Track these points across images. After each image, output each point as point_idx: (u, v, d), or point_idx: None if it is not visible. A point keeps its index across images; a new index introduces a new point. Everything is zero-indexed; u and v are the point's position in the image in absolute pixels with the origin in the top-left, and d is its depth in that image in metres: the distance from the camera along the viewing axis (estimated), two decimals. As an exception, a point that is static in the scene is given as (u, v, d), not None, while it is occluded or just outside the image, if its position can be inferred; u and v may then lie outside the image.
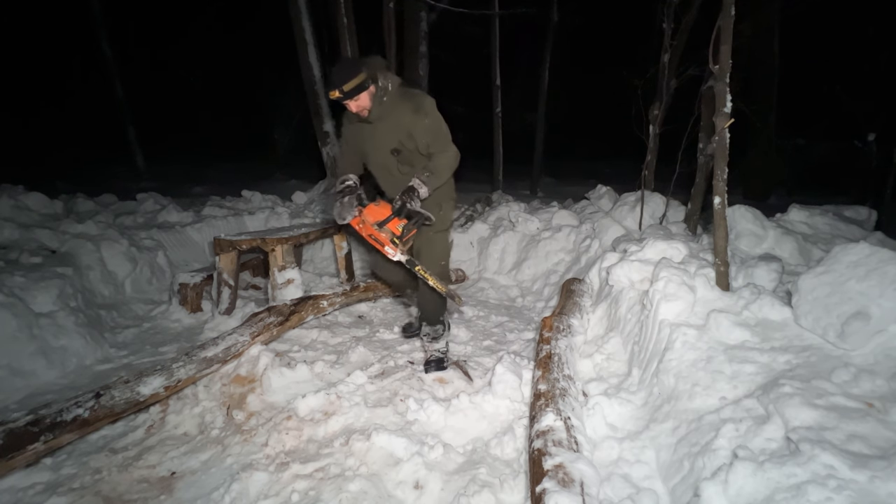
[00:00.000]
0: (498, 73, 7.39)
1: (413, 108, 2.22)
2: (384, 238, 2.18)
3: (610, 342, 2.46)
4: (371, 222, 2.21)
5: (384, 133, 2.27)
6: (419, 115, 2.22)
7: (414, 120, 2.22)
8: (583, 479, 1.41)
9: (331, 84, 2.11)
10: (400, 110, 2.22)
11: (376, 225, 2.19)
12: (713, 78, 2.13)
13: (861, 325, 1.65)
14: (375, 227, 2.19)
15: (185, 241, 4.62)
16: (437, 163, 2.27)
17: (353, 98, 2.13)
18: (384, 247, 2.20)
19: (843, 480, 1.18)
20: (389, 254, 2.19)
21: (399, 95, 2.24)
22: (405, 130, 2.24)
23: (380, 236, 2.19)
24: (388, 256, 2.21)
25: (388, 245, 2.18)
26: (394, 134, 2.26)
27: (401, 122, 2.23)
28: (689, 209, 3.69)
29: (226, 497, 1.72)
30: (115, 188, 6.05)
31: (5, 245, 3.49)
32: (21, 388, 2.43)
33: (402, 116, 2.23)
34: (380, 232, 2.18)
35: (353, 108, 2.19)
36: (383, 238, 2.18)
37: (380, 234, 2.18)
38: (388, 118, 2.23)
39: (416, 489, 1.77)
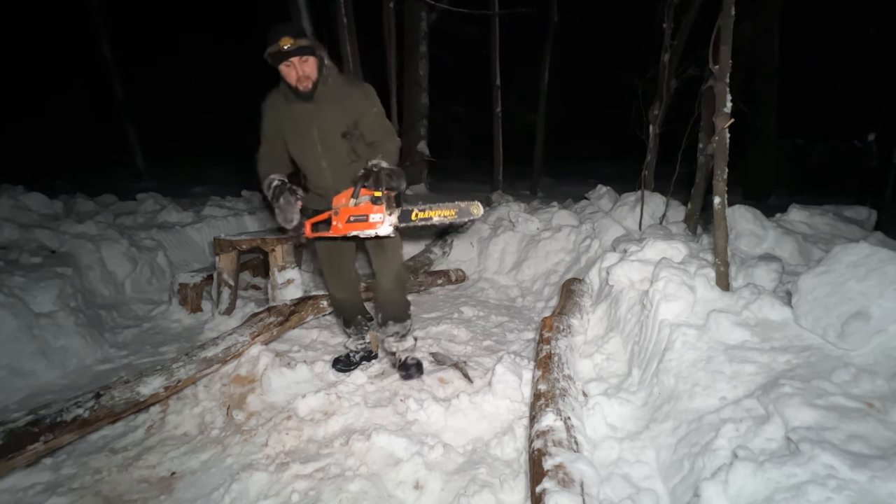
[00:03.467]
0: (498, 73, 7.39)
1: (364, 93, 2.12)
2: (367, 208, 1.95)
3: (610, 342, 2.46)
4: (342, 203, 1.97)
5: (330, 115, 2.08)
6: (370, 102, 2.12)
7: (364, 105, 2.11)
8: (583, 479, 1.41)
9: (280, 31, 1.88)
10: (350, 94, 2.10)
11: (351, 200, 1.96)
12: (713, 78, 2.13)
13: (861, 325, 1.65)
14: (350, 203, 1.96)
15: (185, 241, 4.62)
16: (387, 148, 2.11)
17: (302, 58, 1.93)
18: (371, 219, 1.95)
19: (843, 480, 1.18)
20: (380, 224, 1.96)
21: (344, 80, 2.13)
22: (354, 115, 2.10)
23: (361, 209, 1.95)
24: (379, 231, 1.97)
25: (374, 212, 1.95)
26: (342, 117, 2.10)
27: (351, 106, 2.09)
28: (689, 209, 3.69)
29: (226, 497, 1.72)
30: (115, 188, 6.06)
31: (5, 245, 3.50)
32: (21, 388, 2.43)
33: (352, 101, 2.09)
34: (358, 205, 1.95)
35: (293, 75, 1.96)
36: (365, 209, 1.95)
37: (360, 207, 1.95)
38: (335, 100, 2.07)
39: (416, 489, 1.77)
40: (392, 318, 2.50)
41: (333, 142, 2.13)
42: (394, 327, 2.51)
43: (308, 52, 1.93)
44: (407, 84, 7.62)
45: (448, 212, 1.98)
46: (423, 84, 7.68)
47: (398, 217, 1.98)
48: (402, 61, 7.15)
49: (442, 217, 1.98)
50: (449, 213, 1.98)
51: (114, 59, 9.22)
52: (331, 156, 2.16)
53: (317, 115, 2.07)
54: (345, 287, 2.51)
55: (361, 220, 1.94)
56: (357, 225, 1.95)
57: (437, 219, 1.98)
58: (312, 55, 1.95)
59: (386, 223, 1.95)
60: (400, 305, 2.49)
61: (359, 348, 2.67)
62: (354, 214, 1.95)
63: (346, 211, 1.96)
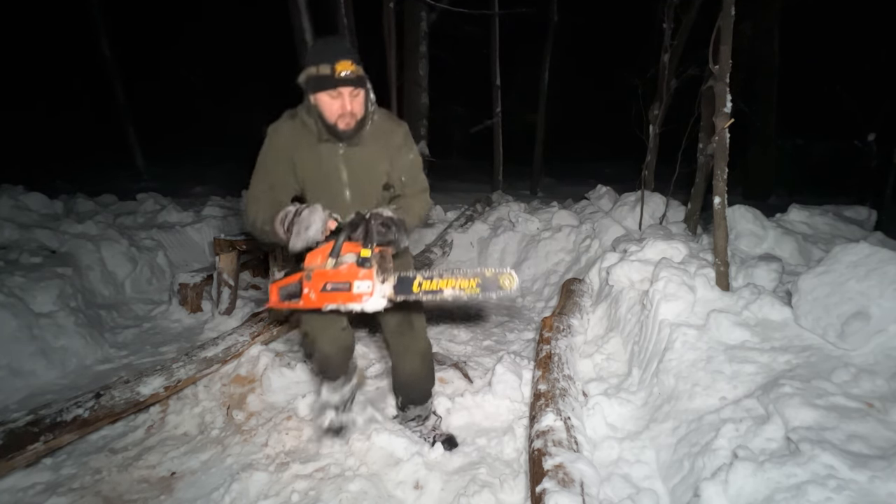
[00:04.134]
0: (498, 73, 7.39)
1: (403, 134, 1.73)
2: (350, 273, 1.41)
3: (610, 342, 2.46)
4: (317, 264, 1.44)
5: (368, 158, 1.67)
6: (407, 146, 1.73)
7: (401, 149, 1.71)
8: (583, 479, 1.41)
9: (337, 51, 1.49)
10: (392, 132, 1.70)
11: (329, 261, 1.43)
12: (713, 78, 2.14)
13: (861, 325, 1.65)
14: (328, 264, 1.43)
15: (185, 241, 4.62)
16: (412, 206, 1.70)
17: (354, 90, 1.52)
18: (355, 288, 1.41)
19: (843, 480, 1.18)
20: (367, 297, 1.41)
21: (387, 116, 1.73)
22: (389, 161, 1.70)
23: (342, 274, 1.41)
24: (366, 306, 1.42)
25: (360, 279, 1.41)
26: (382, 163, 1.69)
27: (389, 149, 1.69)
28: (689, 209, 3.69)
29: (226, 497, 1.72)
30: (115, 188, 6.06)
31: (5, 245, 3.50)
32: (21, 388, 2.43)
33: (391, 141, 1.69)
34: (339, 268, 1.42)
35: (335, 109, 1.52)
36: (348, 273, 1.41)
37: (340, 271, 1.42)
38: (375, 140, 1.66)
39: (416, 489, 1.77)
40: (413, 401, 2.06)
41: (368, 191, 1.71)
42: (415, 410, 2.07)
43: (362, 84, 1.54)
44: (407, 84, 7.62)
45: (467, 282, 1.44)
46: (423, 84, 7.67)
47: (394, 287, 1.44)
48: (402, 61, 7.14)
49: (458, 290, 1.44)
50: (468, 284, 1.43)
51: (113, 57, 9.23)
52: (361, 204, 1.67)
53: (351, 155, 1.65)
54: (337, 339, 1.84)
55: (342, 289, 1.40)
56: (335, 296, 1.40)
57: (451, 292, 1.45)
58: (364, 87, 1.56)
59: (376, 295, 1.41)
60: (426, 388, 2.06)
61: (346, 396, 2.00)
62: (333, 282, 1.41)
63: (321, 276, 1.42)
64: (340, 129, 1.56)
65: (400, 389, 2.06)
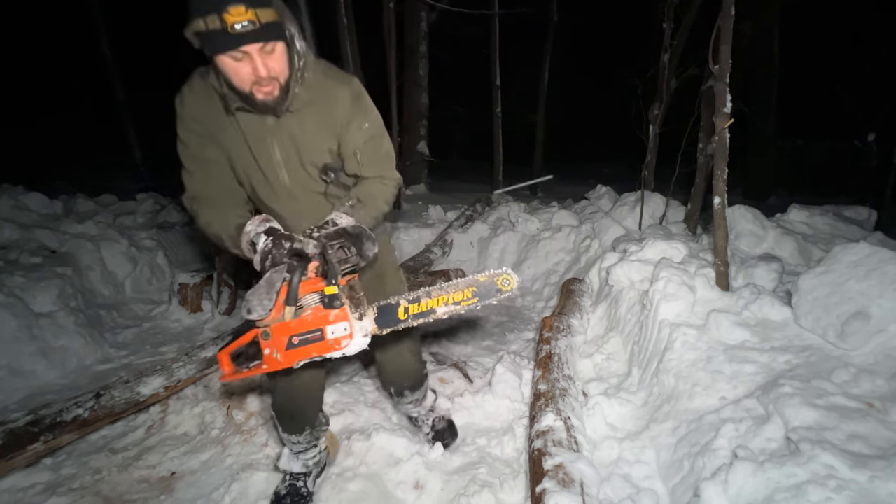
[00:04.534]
0: (498, 73, 7.39)
1: (352, 94, 1.31)
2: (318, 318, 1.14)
3: (610, 342, 2.46)
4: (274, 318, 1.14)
5: (306, 134, 1.31)
6: (360, 108, 1.34)
7: (351, 118, 1.32)
8: (583, 479, 1.41)
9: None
10: (334, 95, 1.30)
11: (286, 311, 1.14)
12: (713, 78, 2.14)
13: (861, 325, 1.65)
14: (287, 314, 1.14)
15: (185, 241, 4.62)
16: (369, 189, 1.40)
17: (265, 46, 1.10)
18: (329, 333, 1.15)
19: (843, 480, 1.18)
20: (346, 340, 1.16)
21: (324, 73, 1.30)
22: (334, 134, 1.33)
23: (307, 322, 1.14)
24: (347, 350, 1.17)
25: (334, 322, 1.14)
26: (323, 138, 1.33)
27: (332, 119, 1.31)
28: (689, 209, 3.69)
29: (226, 497, 1.72)
30: (115, 188, 6.05)
31: (5, 245, 3.50)
32: (21, 388, 2.43)
33: (334, 108, 1.30)
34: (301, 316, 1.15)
35: (245, 74, 1.12)
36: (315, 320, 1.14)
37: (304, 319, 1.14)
38: (314, 105, 1.28)
39: (416, 489, 1.77)
40: (408, 387, 1.91)
41: (310, 172, 1.37)
42: (411, 395, 1.92)
43: (276, 35, 1.10)
44: (407, 84, 7.62)
45: (461, 294, 1.23)
46: (423, 84, 7.68)
47: (375, 320, 1.22)
48: (402, 61, 7.15)
49: (452, 305, 1.24)
50: (463, 295, 1.23)
51: (113, 57, 9.22)
52: (303, 194, 1.39)
53: (283, 127, 1.28)
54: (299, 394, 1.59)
55: (313, 339, 1.15)
56: (307, 349, 1.15)
57: (446, 309, 1.24)
58: (281, 40, 1.12)
59: (357, 336, 1.16)
60: (419, 376, 1.91)
61: (310, 466, 1.74)
62: (299, 333, 1.14)
63: (281, 330, 1.15)
64: (259, 99, 1.17)
65: (390, 384, 1.90)
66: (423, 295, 1.24)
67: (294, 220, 1.41)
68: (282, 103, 1.21)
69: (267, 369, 1.19)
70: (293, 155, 1.33)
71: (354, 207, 1.35)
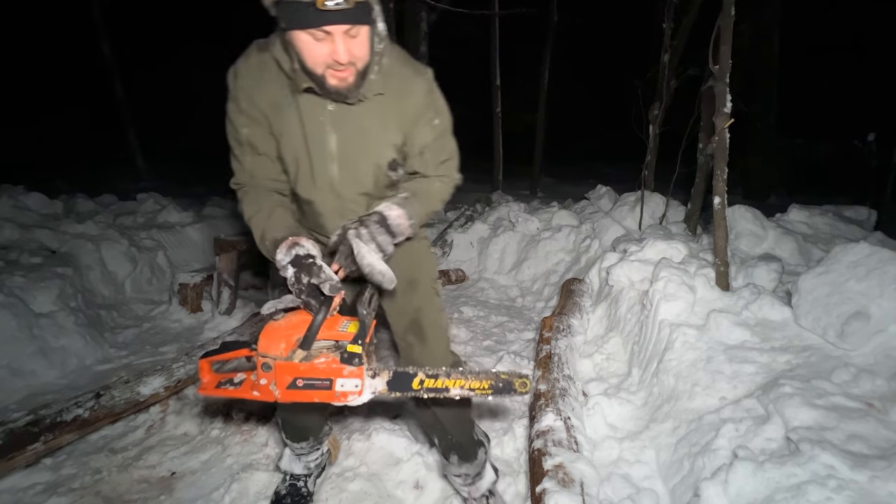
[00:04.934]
0: (498, 73, 7.39)
1: (425, 89, 1.21)
2: (330, 369, 1.05)
3: (610, 342, 2.46)
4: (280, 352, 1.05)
5: (371, 127, 1.19)
6: (431, 106, 1.23)
7: (423, 113, 1.22)
8: (583, 479, 1.41)
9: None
10: (405, 91, 1.19)
11: (297, 353, 1.04)
12: (713, 78, 2.14)
13: (861, 325, 1.65)
14: (296, 356, 1.04)
15: (185, 241, 4.62)
16: (428, 186, 1.29)
17: (351, 28, 0.98)
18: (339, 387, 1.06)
19: (843, 480, 1.18)
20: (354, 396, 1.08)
21: (399, 60, 1.19)
22: (402, 129, 1.22)
23: (318, 370, 1.05)
24: (352, 402, 1.08)
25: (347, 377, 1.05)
26: (390, 132, 1.22)
27: (403, 112, 1.20)
28: (689, 209, 3.69)
29: (226, 497, 1.72)
30: (115, 188, 6.05)
31: (5, 245, 3.49)
32: (21, 388, 2.43)
33: (406, 100, 1.19)
34: (313, 361, 1.05)
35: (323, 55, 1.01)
36: (328, 370, 1.05)
37: (315, 366, 1.05)
38: (385, 99, 1.17)
39: (416, 489, 1.77)
40: (456, 450, 1.57)
41: (365, 170, 1.24)
42: (461, 467, 1.59)
43: (364, 19, 0.99)
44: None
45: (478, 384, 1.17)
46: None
47: (388, 382, 1.13)
48: (402, 61, 7.14)
49: (467, 391, 1.17)
50: (479, 385, 1.17)
51: (113, 57, 9.23)
52: (348, 192, 1.26)
53: (345, 116, 1.17)
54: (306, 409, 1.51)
55: (320, 387, 1.06)
56: (309, 394, 1.07)
57: (459, 392, 1.17)
58: (369, 23, 1.02)
59: (366, 393, 1.09)
60: (464, 425, 1.58)
61: (311, 468, 1.69)
62: (306, 378, 1.05)
63: (287, 370, 1.05)
64: (331, 84, 1.05)
65: (430, 428, 1.59)
66: (443, 374, 1.16)
67: (332, 218, 1.28)
68: (355, 91, 1.09)
69: (258, 398, 1.08)
70: (351, 147, 1.20)
71: (408, 200, 1.20)
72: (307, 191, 1.25)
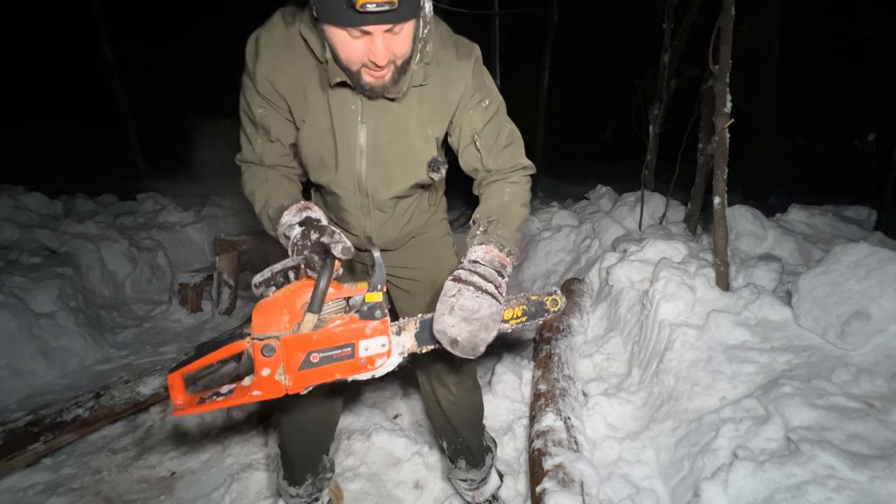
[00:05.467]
0: (498, 72, 7.40)
1: (475, 68, 1.08)
2: (351, 331, 0.90)
3: (610, 342, 2.46)
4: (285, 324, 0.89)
5: (409, 121, 1.08)
6: (479, 85, 1.09)
7: (471, 91, 1.09)
8: (583, 479, 1.41)
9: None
10: (451, 73, 1.06)
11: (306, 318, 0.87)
12: (713, 78, 2.14)
13: (861, 325, 1.65)
14: (306, 323, 0.88)
15: (185, 241, 4.62)
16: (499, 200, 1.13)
17: (394, 28, 0.88)
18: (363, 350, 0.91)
19: (843, 480, 1.18)
20: (382, 359, 0.93)
21: (442, 42, 1.06)
22: (442, 115, 1.10)
23: (335, 335, 0.89)
24: (378, 371, 0.94)
25: (372, 336, 0.91)
26: (430, 123, 1.10)
27: (447, 97, 1.08)
28: (689, 209, 3.69)
29: (226, 497, 1.72)
30: (115, 188, 6.05)
31: (5, 245, 3.50)
32: (21, 388, 2.43)
33: (452, 85, 1.07)
34: (329, 327, 0.89)
35: (360, 54, 0.90)
36: (349, 332, 0.90)
37: (331, 332, 0.89)
38: (422, 89, 1.05)
39: (416, 489, 1.77)
40: (464, 455, 1.53)
41: (397, 168, 1.13)
42: (468, 473, 1.56)
43: (409, 15, 0.88)
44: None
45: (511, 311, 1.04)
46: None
47: (416, 335, 0.98)
48: (402, 61, 7.15)
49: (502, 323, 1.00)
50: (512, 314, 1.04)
51: (113, 58, 9.23)
52: (381, 188, 1.15)
53: (379, 110, 1.05)
54: (308, 428, 1.38)
55: (341, 357, 0.90)
56: (329, 370, 0.91)
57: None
58: (415, 16, 0.90)
59: (394, 353, 0.95)
60: (475, 428, 1.53)
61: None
62: (322, 349, 0.89)
63: (297, 345, 0.88)
64: (366, 82, 0.95)
65: (441, 431, 1.52)
66: None
67: (357, 216, 1.19)
68: (392, 88, 0.98)
69: (262, 396, 0.89)
70: (383, 143, 1.08)
71: (488, 231, 1.04)
72: (331, 183, 1.15)
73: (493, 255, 1.00)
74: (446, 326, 0.90)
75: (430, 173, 1.15)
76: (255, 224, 5.24)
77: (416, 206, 1.27)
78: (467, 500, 1.64)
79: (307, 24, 0.98)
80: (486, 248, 1.01)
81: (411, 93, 1.05)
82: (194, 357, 0.93)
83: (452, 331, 0.90)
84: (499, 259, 1.00)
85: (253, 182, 1.14)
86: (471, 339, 0.90)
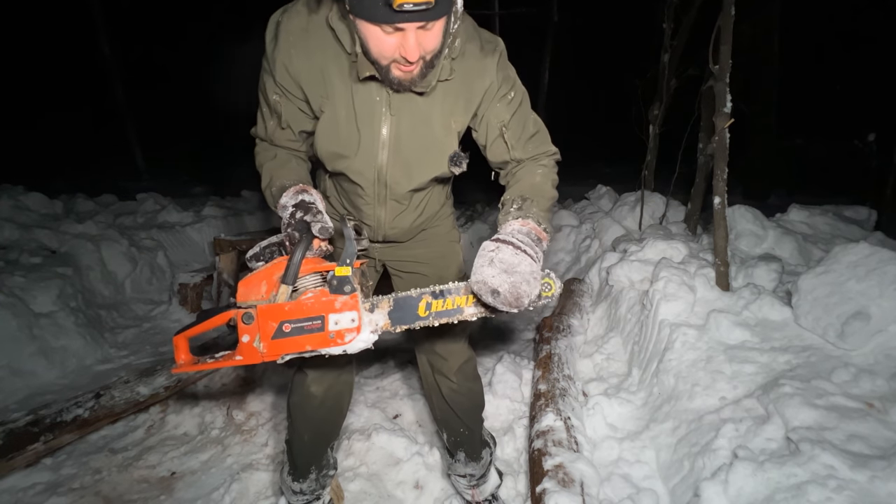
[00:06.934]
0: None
1: (496, 64, 1.09)
2: (321, 304, 0.93)
3: (610, 342, 2.46)
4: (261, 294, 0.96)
5: (433, 114, 1.09)
6: (504, 78, 1.11)
7: (496, 84, 1.10)
8: (583, 479, 1.41)
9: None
10: (477, 67, 1.08)
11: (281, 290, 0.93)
12: (713, 78, 2.14)
13: (861, 325, 1.65)
14: (281, 293, 0.93)
15: (185, 241, 4.63)
16: (531, 180, 1.14)
17: (427, 25, 0.88)
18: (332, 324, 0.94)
19: (843, 480, 1.18)
20: (351, 334, 0.95)
21: (468, 36, 1.06)
22: (466, 106, 1.11)
23: (307, 307, 0.93)
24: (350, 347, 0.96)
25: (341, 310, 0.94)
26: (453, 116, 1.11)
27: (472, 91, 1.09)
28: (689, 209, 3.69)
29: (226, 497, 1.72)
30: (115, 188, 6.05)
31: (5, 245, 3.49)
32: (21, 388, 2.43)
33: (477, 80, 1.09)
34: (301, 299, 0.94)
35: (390, 52, 0.91)
36: (319, 305, 0.93)
37: (303, 303, 0.93)
38: (448, 83, 1.07)
39: (416, 489, 1.77)
40: (464, 447, 1.54)
41: (419, 160, 1.14)
42: (466, 467, 1.56)
43: (444, 11, 0.88)
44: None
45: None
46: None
47: (389, 313, 1.00)
48: (402, 61, 7.15)
49: (483, 307, 0.99)
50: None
51: (113, 57, 9.23)
52: (401, 180, 1.16)
53: (404, 103, 1.07)
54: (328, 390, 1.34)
55: (311, 329, 0.94)
56: (300, 340, 0.94)
57: (474, 310, 1.00)
58: (447, 13, 0.90)
59: (365, 330, 0.97)
60: (475, 421, 1.53)
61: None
62: (294, 320, 0.94)
63: (271, 313, 0.94)
64: (395, 76, 0.96)
65: (442, 421, 1.53)
66: (452, 290, 0.99)
67: (373, 205, 1.19)
68: (420, 82, 0.99)
69: (241, 361, 0.96)
70: (407, 135, 1.09)
71: (523, 208, 1.04)
72: (349, 172, 1.15)
73: (531, 227, 1.01)
74: (486, 277, 0.89)
75: (452, 167, 1.16)
76: (255, 224, 5.25)
77: (429, 198, 1.29)
78: (467, 499, 1.66)
79: (336, 15, 0.98)
80: (523, 221, 1.01)
81: (438, 87, 1.06)
82: (196, 322, 1.05)
83: (493, 281, 0.88)
84: (535, 232, 1.00)
85: (263, 156, 1.17)
86: (513, 290, 0.88)
